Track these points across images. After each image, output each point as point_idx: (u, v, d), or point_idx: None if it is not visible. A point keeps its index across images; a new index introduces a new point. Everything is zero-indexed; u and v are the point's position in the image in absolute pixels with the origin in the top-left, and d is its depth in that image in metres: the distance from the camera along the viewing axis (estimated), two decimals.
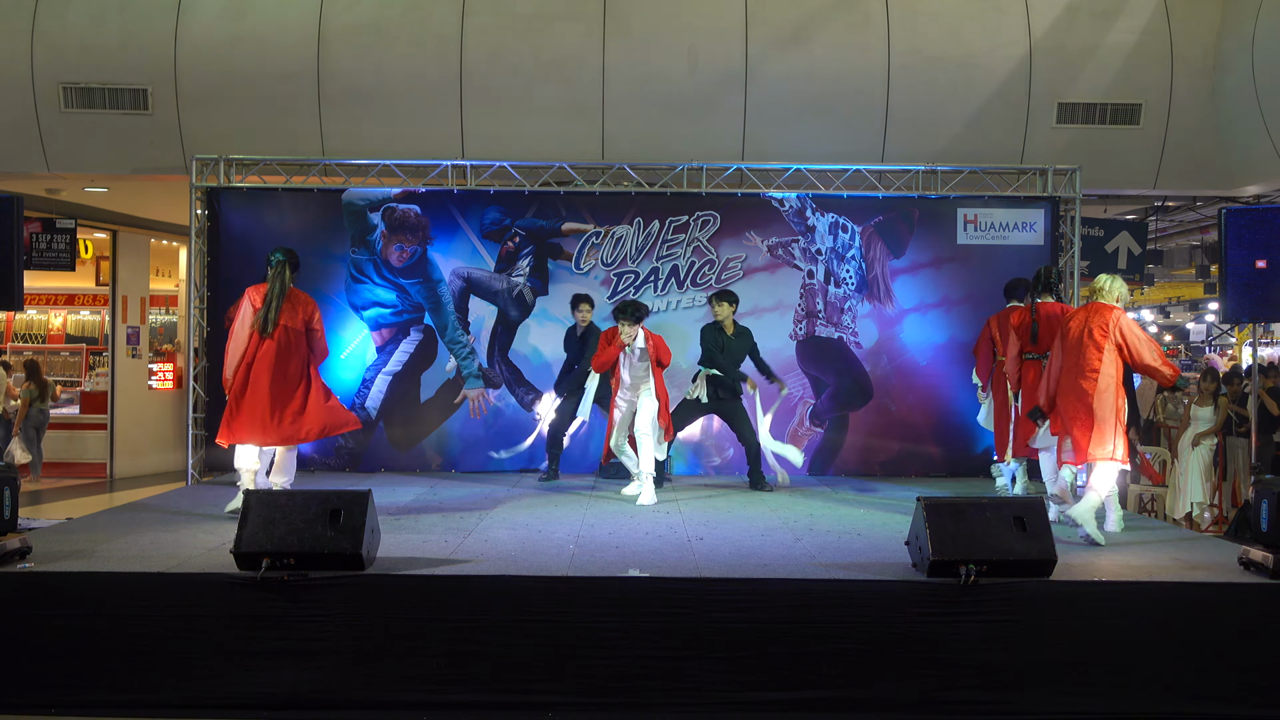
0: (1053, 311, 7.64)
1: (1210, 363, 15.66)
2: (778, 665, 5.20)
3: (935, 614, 5.25)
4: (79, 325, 15.43)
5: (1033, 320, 7.72)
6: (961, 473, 9.76)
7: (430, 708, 5.15)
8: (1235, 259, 7.48)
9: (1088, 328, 6.69)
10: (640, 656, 5.19)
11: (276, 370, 7.18)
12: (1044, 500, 6.20)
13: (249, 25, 10.01)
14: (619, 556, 6.00)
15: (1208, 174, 10.52)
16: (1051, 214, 9.87)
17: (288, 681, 5.19)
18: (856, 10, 10.10)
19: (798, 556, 6.01)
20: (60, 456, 13.02)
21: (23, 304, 7.35)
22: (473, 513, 7.46)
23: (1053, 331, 7.30)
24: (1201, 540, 7.02)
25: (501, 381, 9.91)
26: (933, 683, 5.20)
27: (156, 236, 14.01)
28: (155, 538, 6.40)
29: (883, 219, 9.92)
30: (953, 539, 5.32)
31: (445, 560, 5.78)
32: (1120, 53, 10.17)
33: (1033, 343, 7.68)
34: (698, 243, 9.87)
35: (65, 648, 5.24)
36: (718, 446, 9.96)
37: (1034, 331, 7.67)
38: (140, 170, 10.36)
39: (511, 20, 10.05)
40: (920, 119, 10.14)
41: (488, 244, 9.91)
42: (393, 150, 9.93)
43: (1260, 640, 5.28)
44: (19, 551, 5.58)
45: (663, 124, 10.12)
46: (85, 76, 10.00)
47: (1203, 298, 23.02)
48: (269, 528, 5.35)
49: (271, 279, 7.29)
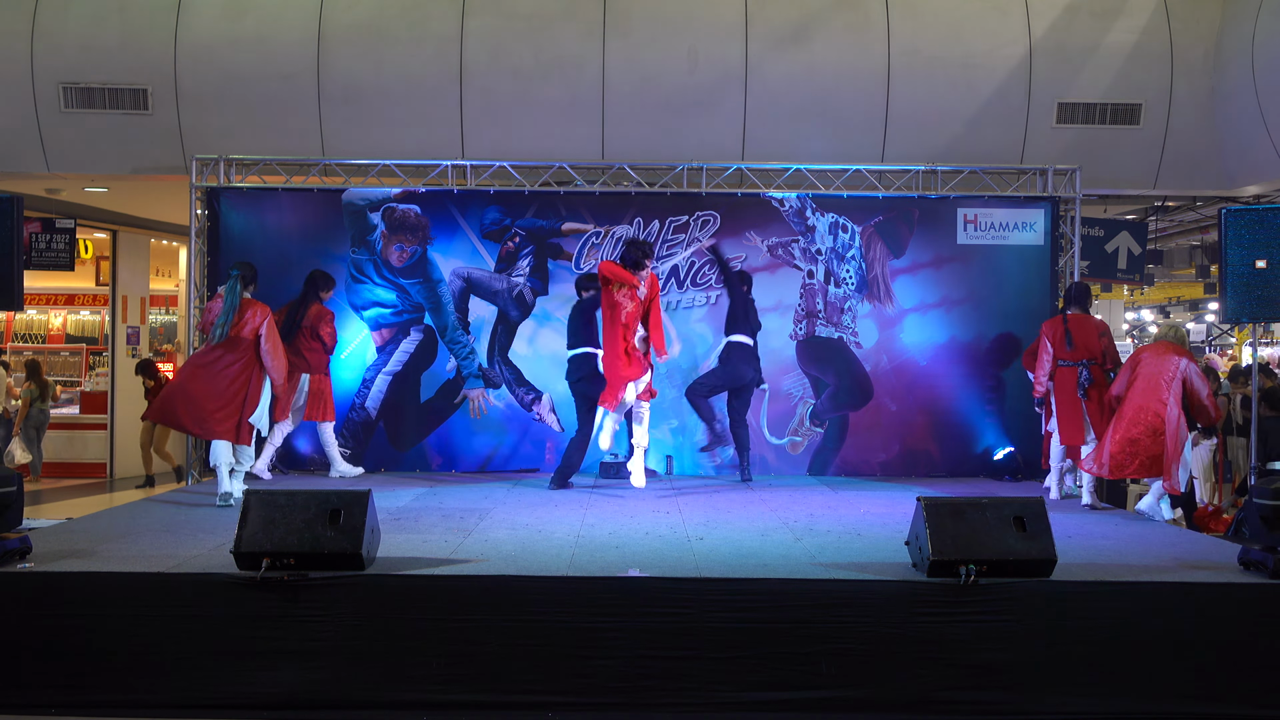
0: (1083, 321, 8.35)
1: (1210, 363, 15.65)
2: (778, 665, 5.20)
3: (935, 614, 5.25)
4: (79, 325, 15.43)
5: (1065, 329, 8.30)
6: (961, 473, 9.76)
7: (430, 708, 5.15)
8: (1235, 259, 7.49)
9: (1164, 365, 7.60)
10: (640, 656, 5.19)
11: (216, 370, 7.82)
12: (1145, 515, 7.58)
13: (249, 25, 10.01)
14: (619, 556, 6.00)
15: (1208, 174, 10.52)
16: (1051, 214, 9.87)
17: (288, 681, 5.18)
18: (856, 10, 10.10)
19: (798, 556, 6.01)
20: (60, 456, 13.02)
21: (23, 304, 7.38)
22: (473, 513, 7.46)
23: (1085, 341, 8.23)
24: (1201, 540, 7.02)
25: (501, 381, 9.91)
26: (933, 683, 5.19)
27: (156, 236, 14.02)
28: (155, 538, 6.40)
29: (883, 219, 9.92)
30: (953, 539, 5.32)
31: (445, 560, 5.78)
32: (1120, 53, 10.17)
33: (1069, 348, 8.29)
34: (698, 243, 9.87)
35: (65, 648, 5.24)
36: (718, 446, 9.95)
37: (1069, 338, 8.28)
38: (140, 170, 10.36)
39: (511, 20, 10.05)
40: (920, 119, 10.15)
41: (488, 244, 9.91)
42: (393, 150, 9.94)
43: (1260, 640, 5.28)
44: (19, 551, 5.57)
45: (663, 124, 10.12)
46: (85, 76, 10.00)
47: (1203, 298, 23.05)
48: (269, 528, 5.34)
49: (226, 292, 7.94)
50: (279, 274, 9.41)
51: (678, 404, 9.80)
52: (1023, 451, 9.71)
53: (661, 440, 9.78)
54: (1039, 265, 9.88)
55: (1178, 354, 7.68)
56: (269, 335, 7.89)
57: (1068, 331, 8.25)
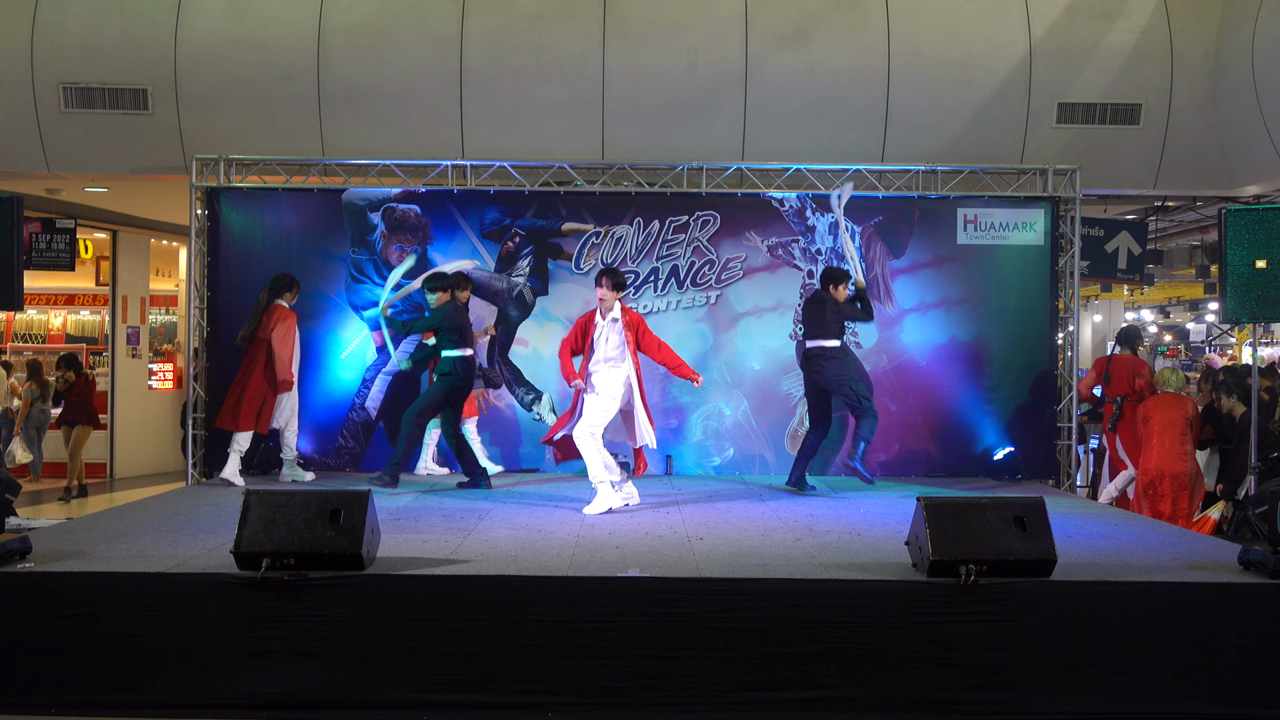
0: (1122, 362, 9.52)
1: (1210, 363, 15.65)
2: (778, 665, 5.20)
3: (935, 614, 5.25)
4: (79, 325, 15.41)
5: (1107, 368, 9.58)
6: (961, 473, 9.76)
7: (430, 708, 5.15)
8: (1235, 259, 7.48)
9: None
10: (640, 656, 5.19)
11: (241, 370, 9.00)
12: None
13: (249, 25, 10.00)
14: (619, 556, 6.00)
15: (1208, 174, 10.52)
16: (1051, 214, 9.87)
17: (288, 681, 5.18)
18: (856, 10, 10.10)
19: (798, 556, 6.01)
20: (60, 456, 13.01)
21: (23, 304, 7.39)
22: (473, 513, 7.46)
23: (1120, 379, 9.41)
24: (1201, 540, 7.01)
25: (501, 381, 9.91)
26: (933, 683, 5.19)
27: (156, 236, 14.02)
28: (155, 537, 6.40)
29: (883, 219, 9.92)
30: (953, 539, 5.32)
31: (445, 560, 5.78)
32: (1120, 53, 10.17)
33: (1106, 385, 9.55)
34: (698, 243, 9.87)
35: (65, 648, 5.24)
36: (718, 446, 9.96)
37: (1107, 376, 9.52)
38: (140, 170, 10.36)
39: (511, 20, 10.04)
40: (920, 119, 10.14)
41: (488, 244, 9.91)
42: (393, 150, 9.93)
43: (1260, 640, 5.28)
44: (19, 551, 5.57)
45: (663, 124, 10.11)
46: (85, 76, 9.99)
47: (1203, 298, 23.03)
48: (269, 528, 5.35)
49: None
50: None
51: (677, 404, 9.82)
52: (1022, 451, 9.72)
53: (662, 440, 9.75)
54: (1039, 265, 9.88)
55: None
56: (275, 334, 8.72)
57: (1108, 370, 9.52)
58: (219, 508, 7.50)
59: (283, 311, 8.92)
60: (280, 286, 9.04)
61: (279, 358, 8.81)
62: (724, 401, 9.90)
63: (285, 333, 8.86)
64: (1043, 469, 9.78)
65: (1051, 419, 9.80)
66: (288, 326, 8.89)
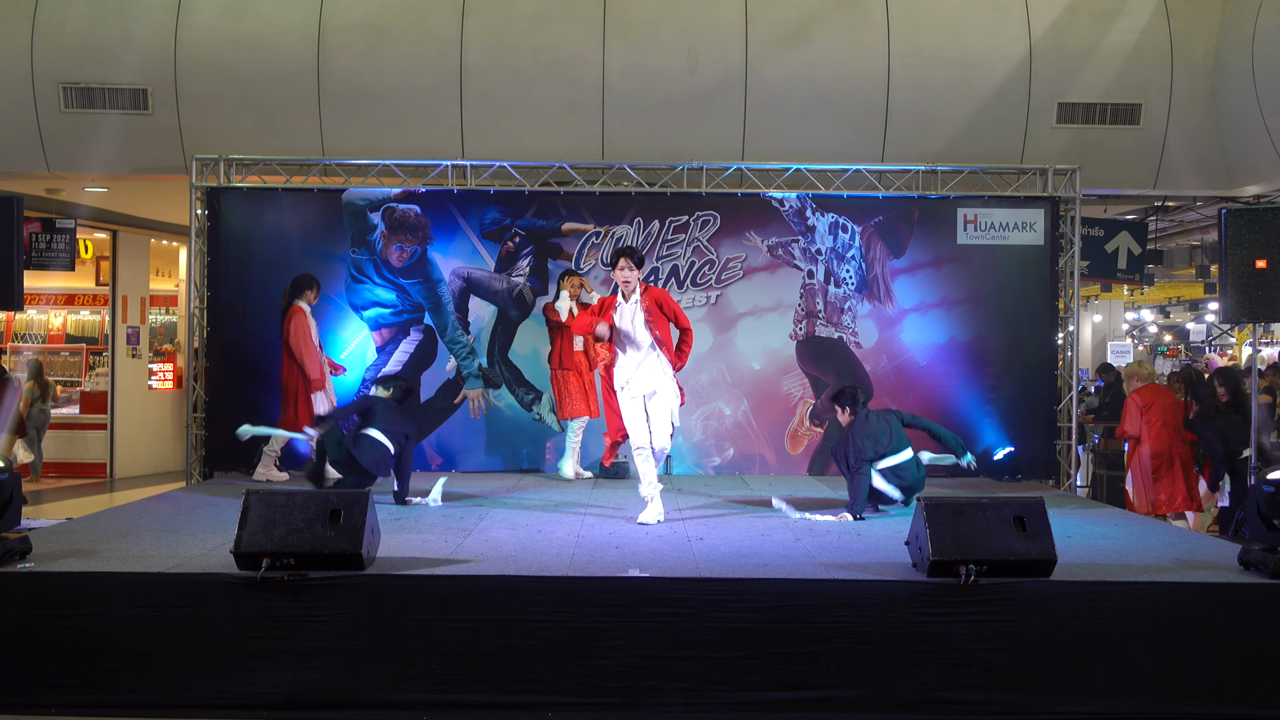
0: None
1: (1209, 363, 15.65)
2: (778, 665, 5.20)
3: (935, 614, 5.25)
4: (79, 325, 15.41)
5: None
6: (961, 473, 9.73)
7: (430, 708, 5.15)
8: (1235, 259, 7.48)
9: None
10: (640, 656, 5.19)
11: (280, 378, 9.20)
12: None
13: (249, 25, 10.00)
14: (619, 556, 6.00)
15: (1208, 174, 10.52)
16: (1051, 214, 9.87)
17: (288, 681, 5.18)
18: (856, 10, 10.10)
19: (798, 556, 6.01)
20: (60, 456, 13.02)
21: (23, 304, 7.38)
22: (473, 513, 7.46)
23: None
24: (1201, 540, 7.02)
25: (501, 381, 9.91)
26: (933, 683, 5.19)
27: (156, 236, 14.01)
28: (155, 538, 6.40)
29: (883, 219, 9.92)
30: (953, 539, 5.32)
31: (445, 560, 5.78)
32: (1120, 53, 10.17)
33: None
34: (698, 243, 9.87)
35: (65, 648, 5.24)
36: (718, 446, 9.96)
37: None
38: (140, 170, 10.36)
39: (511, 20, 10.04)
40: (920, 119, 10.14)
41: (488, 244, 9.92)
42: (393, 150, 9.93)
43: (1260, 640, 5.28)
44: (19, 551, 5.57)
45: (663, 124, 10.11)
46: (85, 76, 9.99)
47: (1203, 298, 23.06)
48: (269, 528, 5.34)
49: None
50: (279, 274, 9.46)
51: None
52: (1022, 451, 9.71)
53: None
54: (1039, 265, 9.88)
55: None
56: (289, 338, 8.93)
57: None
58: (219, 508, 7.51)
59: (294, 311, 9.01)
60: (300, 286, 9.13)
61: (300, 359, 8.92)
62: (724, 401, 9.90)
63: (298, 333, 8.93)
64: (1043, 469, 9.79)
65: (1052, 419, 9.80)
66: (298, 326, 8.96)
